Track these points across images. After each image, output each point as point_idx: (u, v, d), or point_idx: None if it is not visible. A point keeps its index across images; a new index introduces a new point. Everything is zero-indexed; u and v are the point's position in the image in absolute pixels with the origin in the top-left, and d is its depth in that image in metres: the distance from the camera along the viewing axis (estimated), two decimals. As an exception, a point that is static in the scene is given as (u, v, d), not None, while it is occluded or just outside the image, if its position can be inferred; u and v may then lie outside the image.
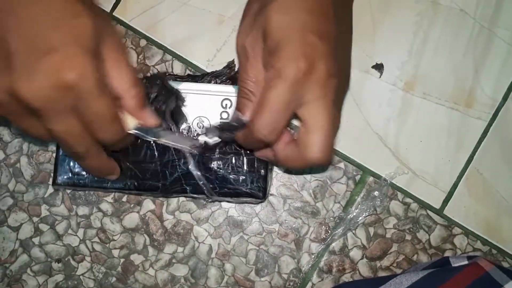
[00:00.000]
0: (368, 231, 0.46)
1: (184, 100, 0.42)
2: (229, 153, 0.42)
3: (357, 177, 0.47)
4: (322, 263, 0.46)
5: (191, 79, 0.44)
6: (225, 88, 0.42)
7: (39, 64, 0.30)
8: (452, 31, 0.47)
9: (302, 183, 0.47)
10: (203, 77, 0.44)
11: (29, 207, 0.46)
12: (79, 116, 0.32)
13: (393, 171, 0.46)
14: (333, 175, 0.47)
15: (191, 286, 0.46)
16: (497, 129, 0.46)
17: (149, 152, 0.42)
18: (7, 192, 0.46)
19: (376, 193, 0.46)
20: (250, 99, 0.36)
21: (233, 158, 0.42)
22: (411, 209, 0.47)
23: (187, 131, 0.42)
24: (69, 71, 0.30)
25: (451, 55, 0.47)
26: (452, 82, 0.47)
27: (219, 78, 0.43)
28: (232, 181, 0.42)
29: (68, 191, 0.46)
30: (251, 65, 0.36)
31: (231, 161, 0.42)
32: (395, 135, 0.46)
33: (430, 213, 0.46)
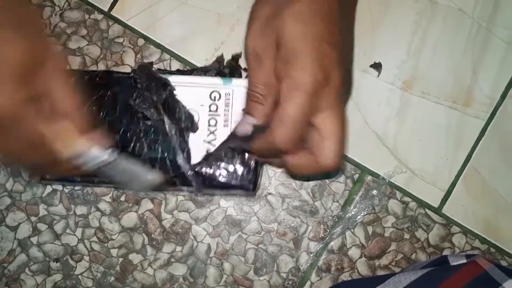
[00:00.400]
0: (366, 230, 0.46)
1: (174, 88, 0.42)
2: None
3: (356, 176, 0.47)
4: (320, 262, 0.46)
5: (180, 74, 0.44)
6: (213, 80, 0.42)
7: None
8: (450, 30, 0.47)
9: (300, 182, 0.47)
10: (192, 72, 0.44)
11: (27, 206, 0.46)
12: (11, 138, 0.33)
13: (392, 170, 0.46)
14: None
15: (190, 285, 0.46)
16: (495, 128, 0.46)
17: (138, 145, 0.41)
18: (5, 191, 0.46)
19: (374, 192, 0.46)
20: (261, 102, 0.36)
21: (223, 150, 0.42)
22: (409, 208, 0.47)
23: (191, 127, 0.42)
24: None
25: (450, 54, 0.47)
26: (450, 81, 0.47)
27: (208, 73, 0.43)
28: (222, 174, 0.42)
29: (66, 191, 0.46)
30: (263, 69, 0.36)
31: (221, 153, 0.42)
32: (393, 134, 0.46)
33: (428, 212, 0.46)
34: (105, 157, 0.35)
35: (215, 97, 0.42)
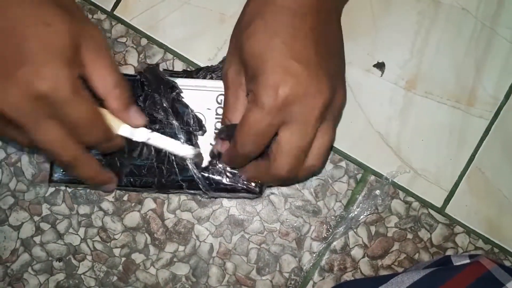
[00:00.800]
0: (369, 229, 0.46)
1: (181, 90, 0.42)
2: None
3: (359, 176, 0.47)
4: (323, 262, 0.46)
5: (186, 74, 0.43)
6: (220, 83, 0.42)
7: (12, 76, 0.30)
8: (453, 30, 0.47)
9: (303, 182, 0.47)
10: (198, 72, 0.43)
11: (30, 206, 0.46)
12: (60, 123, 0.32)
13: (395, 170, 0.46)
14: (334, 173, 0.47)
15: (192, 285, 0.46)
16: (499, 127, 0.46)
17: (145, 148, 0.41)
18: (8, 191, 0.46)
19: (377, 191, 0.46)
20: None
21: None
22: (412, 208, 0.46)
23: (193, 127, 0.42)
24: (41, 82, 0.30)
25: (453, 54, 0.47)
26: (453, 80, 0.47)
27: (214, 73, 0.43)
28: (228, 177, 0.42)
29: (69, 190, 0.46)
30: (232, 94, 0.38)
31: None
32: (396, 134, 0.46)
33: (431, 211, 0.46)
34: (143, 133, 0.38)
35: (221, 100, 0.42)
